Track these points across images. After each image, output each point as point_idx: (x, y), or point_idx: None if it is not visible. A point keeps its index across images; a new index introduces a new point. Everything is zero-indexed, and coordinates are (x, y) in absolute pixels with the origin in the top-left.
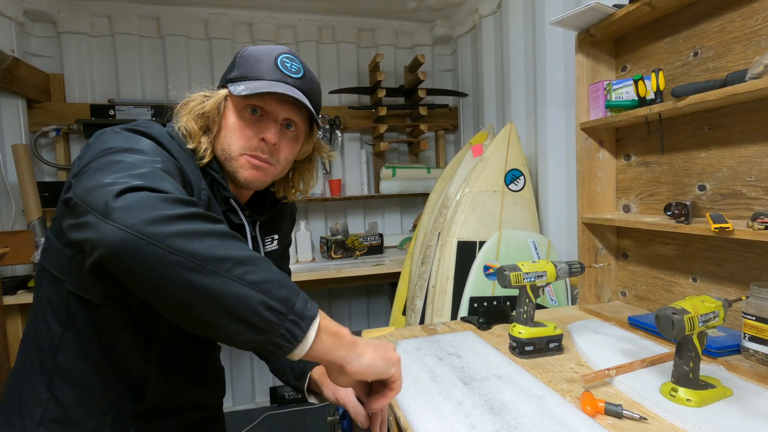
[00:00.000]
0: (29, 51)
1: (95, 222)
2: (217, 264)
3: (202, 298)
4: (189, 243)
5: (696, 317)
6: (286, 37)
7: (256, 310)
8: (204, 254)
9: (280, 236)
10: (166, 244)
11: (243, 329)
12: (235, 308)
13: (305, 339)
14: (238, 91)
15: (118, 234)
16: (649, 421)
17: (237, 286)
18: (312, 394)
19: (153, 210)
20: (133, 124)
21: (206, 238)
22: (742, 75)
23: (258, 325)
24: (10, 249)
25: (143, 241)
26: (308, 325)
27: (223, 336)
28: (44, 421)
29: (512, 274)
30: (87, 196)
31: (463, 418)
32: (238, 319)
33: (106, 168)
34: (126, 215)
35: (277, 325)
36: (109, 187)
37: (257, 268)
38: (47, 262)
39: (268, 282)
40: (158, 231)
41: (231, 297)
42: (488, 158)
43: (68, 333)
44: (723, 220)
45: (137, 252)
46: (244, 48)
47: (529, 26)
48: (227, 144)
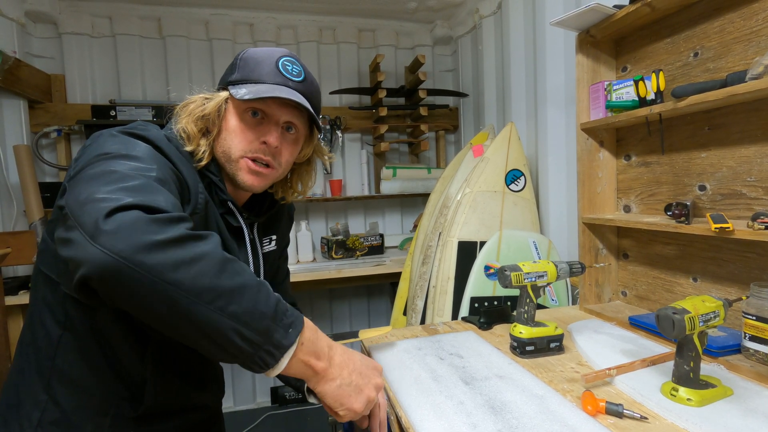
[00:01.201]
0: (30, 52)
1: (82, 242)
2: (200, 295)
3: (182, 322)
4: (174, 273)
5: (696, 317)
6: (287, 38)
7: (232, 340)
8: (188, 285)
9: (278, 237)
10: (153, 273)
11: (219, 352)
12: (212, 335)
13: (277, 365)
14: (241, 94)
15: (104, 258)
16: (650, 421)
17: (216, 317)
18: (311, 394)
19: (141, 234)
20: (131, 126)
21: (193, 266)
22: (742, 75)
23: (232, 352)
24: (11, 249)
25: (129, 267)
26: (282, 353)
27: (205, 352)
28: (43, 423)
29: (513, 274)
30: (78, 210)
31: (465, 418)
32: (215, 344)
33: (99, 178)
34: (113, 240)
35: (251, 354)
36: (101, 204)
37: (243, 298)
38: (43, 265)
39: (249, 313)
40: (145, 259)
41: (209, 326)
42: (489, 158)
43: (66, 335)
44: (723, 220)
45: (122, 277)
46: (244, 50)
47: (530, 27)
48: (227, 146)
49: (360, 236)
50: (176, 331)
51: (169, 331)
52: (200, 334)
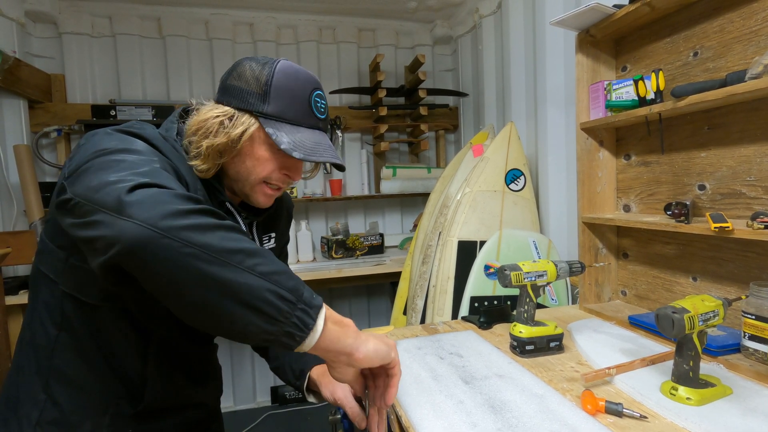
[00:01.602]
0: (30, 52)
1: (108, 219)
2: (230, 256)
3: (217, 289)
4: (202, 236)
5: (696, 316)
6: (287, 38)
7: (269, 299)
8: (217, 246)
9: (278, 234)
10: (181, 237)
11: (257, 319)
12: (248, 298)
13: (315, 327)
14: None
15: (135, 229)
16: (650, 420)
17: (250, 276)
18: (311, 393)
19: (166, 204)
20: (125, 125)
21: (217, 231)
22: (741, 75)
23: (271, 315)
24: (11, 249)
25: (159, 234)
26: (317, 313)
27: (237, 329)
28: (41, 423)
29: (513, 274)
30: (93, 194)
31: (465, 417)
32: (253, 309)
33: (107, 167)
34: (140, 210)
35: (289, 314)
36: (118, 185)
37: (266, 260)
38: (42, 264)
39: (277, 273)
40: (173, 224)
41: (245, 287)
42: (489, 158)
43: (64, 334)
44: (723, 219)
45: (154, 246)
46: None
47: (530, 26)
48: (247, 170)
49: (360, 236)
50: (207, 301)
51: (201, 308)
52: (234, 298)
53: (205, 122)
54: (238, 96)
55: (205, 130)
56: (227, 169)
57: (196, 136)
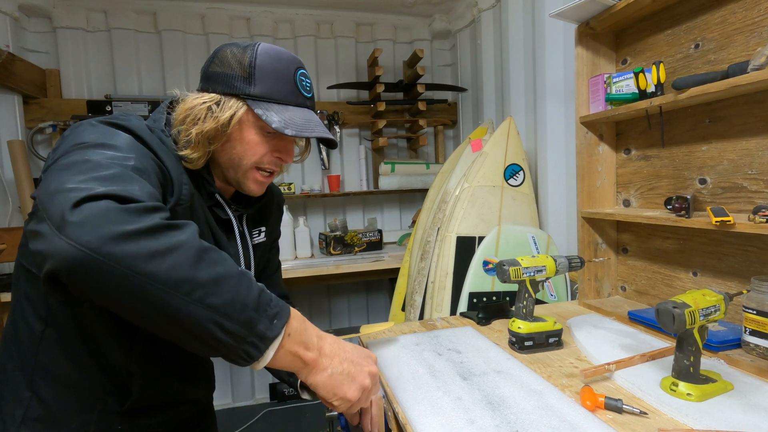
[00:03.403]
0: (25, 46)
1: (49, 234)
2: (177, 287)
3: (160, 315)
4: (147, 264)
5: (697, 311)
6: (284, 32)
7: (213, 333)
8: (163, 276)
9: (268, 228)
10: (123, 265)
11: (201, 346)
12: (192, 329)
13: (262, 358)
14: (279, 126)
15: (70, 251)
16: (650, 416)
17: (195, 308)
18: (305, 390)
19: (111, 225)
20: (112, 116)
21: (168, 257)
22: (743, 66)
23: (214, 346)
24: (6, 246)
25: (97, 260)
26: (267, 345)
27: (186, 348)
28: (26, 421)
29: (512, 269)
30: (47, 201)
31: (463, 414)
32: (195, 338)
33: (71, 167)
34: (80, 231)
35: (235, 347)
36: (69, 194)
37: (222, 289)
38: (25, 259)
39: (229, 304)
40: (114, 250)
41: (188, 319)
42: (487, 153)
43: (49, 330)
44: (724, 213)
45: (90, 270)
46: (251, 48)
47: (529, 20)
48: (238, 156)
49: (358, 232)
50: (154, 325)
51: (146, 326)
52: (179, 327)
53: (192, 109)
54: (223, 81)
55: (193, 117)
56: (218, 157)
57: (184, 125)
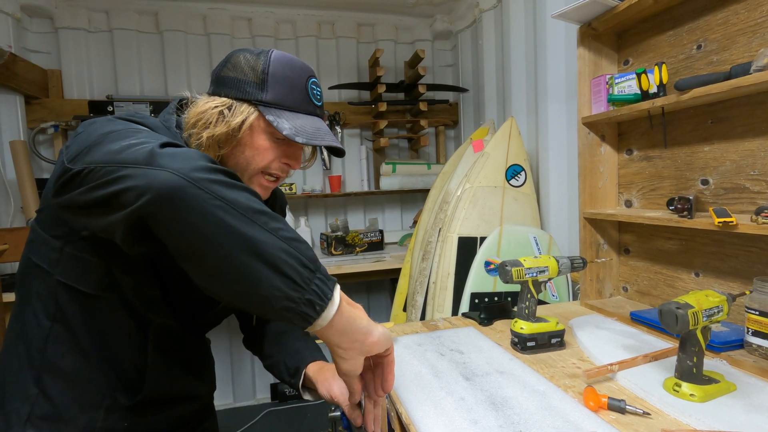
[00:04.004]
0: (26, 47)
1: (138, 172)
2: (256, 215)
3: (243, 245)
4: (230, 191)
5: (700, 312)
6: (286, 33)
7: (291, 263)
8: (244, 204)
9: None
10: (212, 190)
11: (280, 282)
12: (273, 258)
13: (333, 299)
14: (290, 133)
15: (168, 177)
16: (653, 416)
17: (273, 238)
18: (307, 391)
19: (195, 160)
20: (125, 113)
21: (243, 191)
22: (746, 67)
23: (294, 278)
24: (9, 246)
25: (191, 184)
26: (333, 285)
27: (260, 292)
28: (32, 418)
29: (514, 270)
30: (117, 155)
31: (466, 414)
32: (276, 270)
33: (126, 136)
34: (172, 161)
35: (309, 281)
36: (145, 144)
37: (288, 227)
38: (34, 255)
39: (297, 241)
40: (204, 176)
41: (269, 246)
42: (489, 154)
43: (58, 326)
44: (726, 214)
45: (185, 195)
46: (264, 55)
47: (530, 20)
48: (246, 161)
49: (359, 232)
50: (233, 258)
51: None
52: (259, 257)
53: (204, 113)
54: (235, 86)
55: (205, 121)
56: (226, 161)
57: (195, 128)
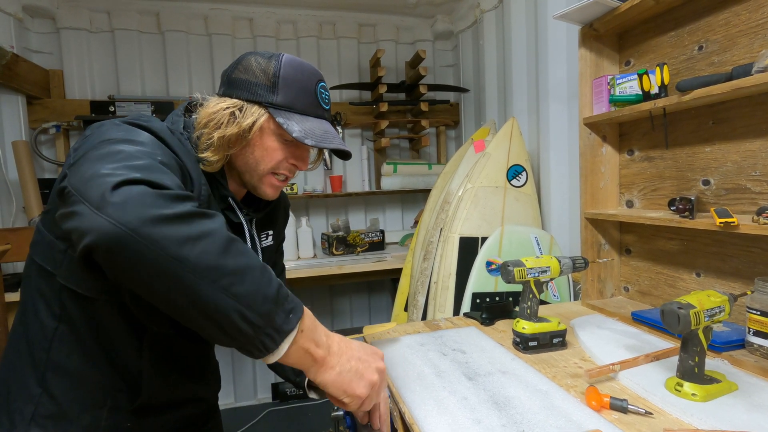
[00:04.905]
0: (28, 47)
1: (87, 212)
2: (205, 273)
3: (185, 300)
4: (180, 248)
5: (702, 312)
6: (287, 33)
7: (234, 322)
8: (193, 262)
9: (275, 232)
10: (158, 246)
11: (219, 334)
12: (215, 315)
13: (277, 350)
14: (299, 135)
15: (110, 228)
16: (655, 416)
17: (220, 295)
18: (312, 390)
19: (148, 208)
20: (133, 117)
21: (199, 243)
22: (748, 69)
23: (233, 335)
24: (11, 246)
25: (134, 239)
26: (282, 338)
27: (203, 334)
28: (36, 417)
29: (516, 270)
30: (82, 186)
31: (469, 413)
32: (216, 325)
33: (104, 158)
34: (120, 211)
35: (252, 337)
36: (106, 179)
37: (246, 279)
38: (38, 256)
39: (251, 295)
40: (151, 232)
41: (212, 306)
42: (490, 154)
43: (62, 326)
44: (728, 214)
45: (127, 248)
46: (276, 59)
47: (531, 21)
48: (255, 161)
49: (361, 232)
50: (177, 309)
51: (170, 309)
52: (202, 313)
53: (215, 114)
54: (246, 88)
55: (216, 122)
56: (235, 161)
57: (207, 128)
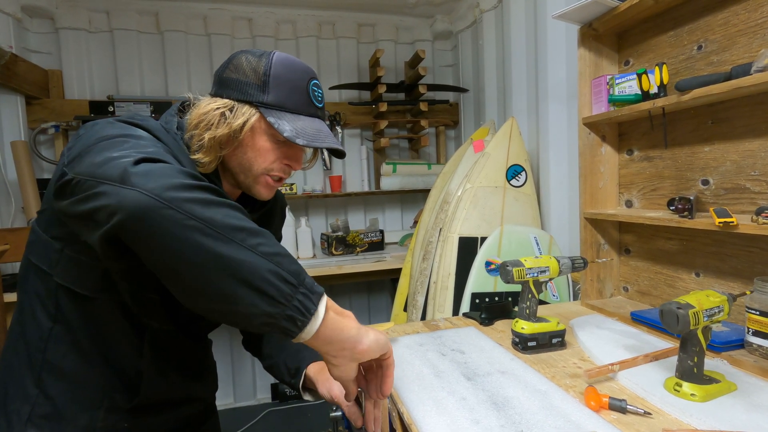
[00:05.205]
0: (27, 47)
1: (111, 189)
2: (233, 232)
3: (219, 265)
4: (206, 210)
5: (701, 312)
6: (286, 33)
7: (270, 280)
8: (220, 222)
9: (272, 232)
10: (185, 209)
11: (258, 300)
12: (250, 277)
13: (317, 313)
14: (290, 135)
15: (138, 197)
16: (654, 416)
17: (251, 255)
18: (307, 392)
19: (170, 178)
20: (126, 116)
21: (221, 208)
22: (747, 68)
23: (273, 295)
24: (10, 246)
25: (163, 204)
26: (318, 299)
27: (238, 310)
28: (33, 418)
29: (515, 270)
30: (97, 169)
31: (467, 414)
32: (254, 289)
33: (112, 147)
34: (145, 180)
35: (290, 297)
36: (122, 159)
37: (269, 241)
38: (34, 256)
39: (279, 255)
40: (177, 196)
41: (246, 265)
42: (489, 154)
43: (58, 327)
44: (727, 214)
45: (156, 215)
46: (267, 57)
47: (531, 20)
48: (249, 162)
49: (360, 232)
50: (208, 279)
51: (200, 285)
52: (235, 276)
53: (206, 115)
54: (237, 88)
55: (207, 123)
56: (228, 162)
57: (197, 129)
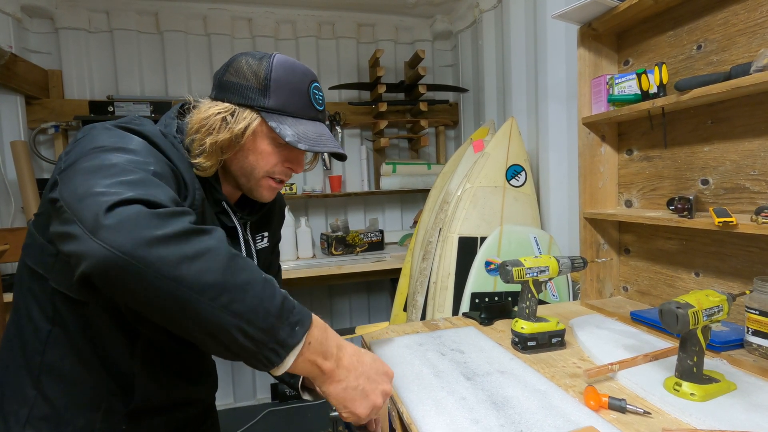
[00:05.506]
0: (27, 47)
1: (82, 236)
2: (203, 292)
3: (185, 320)
4: (176, 269)
5: (700, 311)
6: (286, 33)
7: (235, 338)
8: (190, 281)
9: (271, 233)
10: (154, 269)
11: (222, 350)
12: (215, 333)
13: (282, 364)
14: (292, 140)
15: (106, 254)
16: (653, 416)
17: (219, 314)
18: (306, 391)
19: (143, 229)
20: (124, 120)
21: (196, 262)
22: (746, 68)
23: (235, 351)
24: (9, 246)
25: (130, 263)
26: (287, 352)
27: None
28: (31, 420)
29: (515, 270)
30: (76, 204)
31: (467, 413)
32: (218, 342)
33: (96, 171)
34: (115, 235)
35: (255, 352)
36: (100, 198)
37: (247, 295)
38: (30, 259)
39: (253, 311)
40: (147, 254)
41: (212, 324)
42: (489, 154)
43: (56, 329)
44: (727, 214)
45: (124, 273)
46: (267, 60)
47: (530, 20)
48: (251, 165)
49: (360, 232)
50: (179, 327)
51: (172, 328)
52: (203, 331)
53: (207, 120)
54: (238, 92)
55: (208, 128)
56: (230, 165)
57: (198, 134)
